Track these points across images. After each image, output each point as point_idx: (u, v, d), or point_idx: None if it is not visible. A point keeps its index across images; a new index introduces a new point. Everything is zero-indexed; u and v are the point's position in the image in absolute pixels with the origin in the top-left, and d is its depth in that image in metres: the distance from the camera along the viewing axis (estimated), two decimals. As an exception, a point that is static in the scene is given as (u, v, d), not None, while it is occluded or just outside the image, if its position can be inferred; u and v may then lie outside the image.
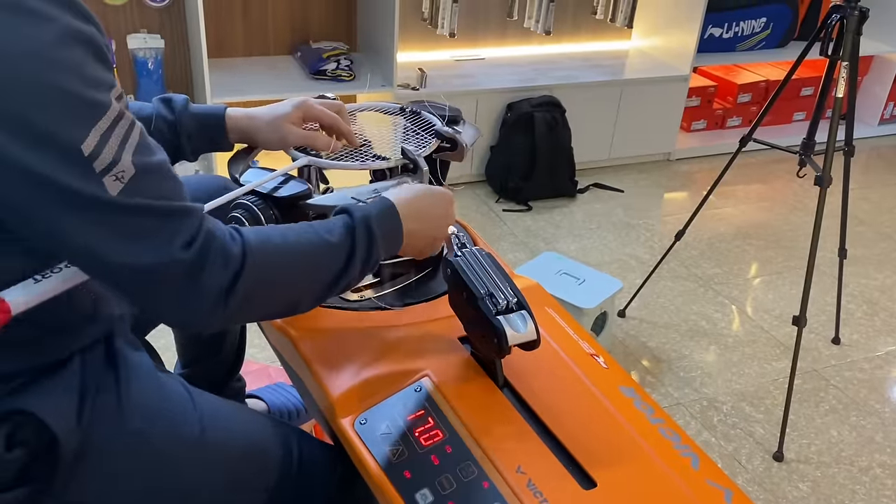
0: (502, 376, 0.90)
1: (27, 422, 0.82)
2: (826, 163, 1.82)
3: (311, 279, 0.85)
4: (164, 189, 0.74)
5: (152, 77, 2.75)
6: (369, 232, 0.88)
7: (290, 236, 0.84)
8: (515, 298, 0.86)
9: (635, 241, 2.75)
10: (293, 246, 0.83)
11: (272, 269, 0.81)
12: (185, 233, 0.74)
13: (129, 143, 0.72)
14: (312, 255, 0.84)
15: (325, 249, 0.85)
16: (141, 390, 0.91)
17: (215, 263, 0.75)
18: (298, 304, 0.87)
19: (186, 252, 0.74)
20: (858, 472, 1.80)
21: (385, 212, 0.91)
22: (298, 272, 0.84)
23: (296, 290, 0.84)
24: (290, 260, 0.83)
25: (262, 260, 0.80)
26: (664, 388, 2.04)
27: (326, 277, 0.85)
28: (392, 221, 0.91)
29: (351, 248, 0.86)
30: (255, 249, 0.79)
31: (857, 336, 2.31)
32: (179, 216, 0.75)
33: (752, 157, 3.46)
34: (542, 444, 0.81)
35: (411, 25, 3.05)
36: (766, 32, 3.48)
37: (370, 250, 0.88)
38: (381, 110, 1.19)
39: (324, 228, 0.86)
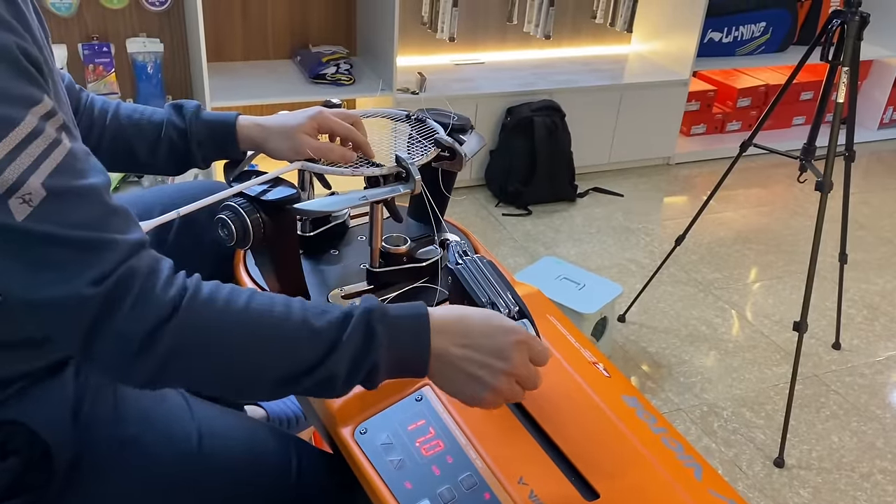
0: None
1: (20, 431, 0.81)
2: (827, 168, 1.81)
3: (264, 361, 0.71)
4: (81, 216, 0.67)
5: (151, 81, 2.75)
6: (369, 330, 0.73)
7: (260, 304, 0.72)
8: (517, 307, 0.84)
9: (635, 246, 2.75)
10: (258, 315, 0.71)
11: (214, 333, 0.70)
12: (98, 268, 0.66)
13: (45, 164, 0.66)
14: (280, 332, 0.71)
15: (300, 331, 0.71)
16: (137, 398, 0.91)
17: (130, 306, 0.67)
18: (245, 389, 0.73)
19: (94, 289, 0.66)
20: (860, 479, 1.80)
21: (408, 315, 0.76)
22: (251, 347, 0.71)
23: (242, 366, 0.71)
24: (246, 329, 0.70)
25: (204, 319, 0.69)
26: (664, 393, 2.03)
27: (290, 368, 0.71)
28: (415, 330, 0.75)
29: (334, 342, 0.72)
30: (199, 304, 0.69)
31: (857, 341, 2.31)
32: (94, 249, 0.67)
33: (751, 162, 3.46)
34: (544, 454, 0.81)
35: (411, 29, 3.05)
36: (766, 37, 3.48)
37: (364, 353, 0.73)
38: (386, 117, 1.18)
39: (315, 310, 0.73)
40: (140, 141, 1.10)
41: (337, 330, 0.72)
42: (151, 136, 1.09)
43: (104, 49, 2.65)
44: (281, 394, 0.74)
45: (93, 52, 2.64)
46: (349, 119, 1.11)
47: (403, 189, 1.00)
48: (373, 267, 1.09)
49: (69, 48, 2.63)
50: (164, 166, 1.12)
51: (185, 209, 0.91)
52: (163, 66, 2.77)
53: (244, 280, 1.08)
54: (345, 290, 1.07)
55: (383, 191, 1.00)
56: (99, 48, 2.64)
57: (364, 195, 0.98)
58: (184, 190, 1.16)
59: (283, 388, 0.73)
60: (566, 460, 0.81)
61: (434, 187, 1.14)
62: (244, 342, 0.71)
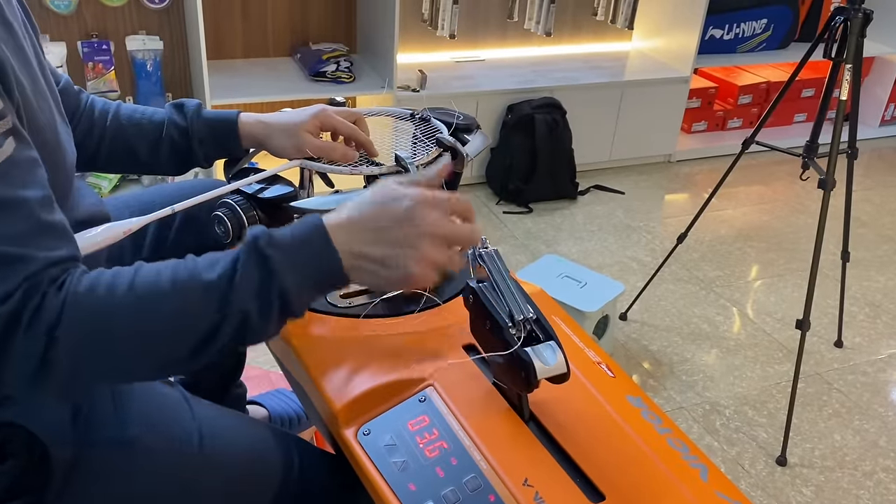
0: (528, 410, 0.85)
1: (18, 434, 0.80)
2: (830, 166, 1.81)
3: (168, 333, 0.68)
4: (9, 230, 0.65)
5: (151, 79, 2.74)
6: (260, 259, 0.69)
7: (145, 278, 0.68)
8: (542, 327, 0.81)
9: (636, 244, 2.74)
10: (145, 289, 0.67)
11: (104, 319, 0.66)
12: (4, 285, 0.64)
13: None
14: (172, 299, 0.68)
15: (193, 291, 0.68)
16: (137, 398, 0.90)
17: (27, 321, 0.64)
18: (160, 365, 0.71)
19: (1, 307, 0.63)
20: (862, 477, 1.79)
21: (302, 230, 0.72)
22: (146, 325, 0.68)
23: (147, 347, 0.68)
24: (135, 308, 0.67)
25: (88, 310, 0.66)
26: (666, 391, 2.03)
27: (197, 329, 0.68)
28: (314, 241, 0.71)
29: (228, 286, 0.68)
30: (81, 298, 0.66)
31: (859, 339, 2.30)
32: (7, 264, 0.64)
33: (752, 159, 3.45)
34: (549, 456, 0.80)
35: (411, 27, 3.04)
36: (767, 34, 3.47)
37: (266, 284, 0.69)
38: (391, 115, 1.17)
39: (207, 262, 0.70)
40: (141, 141, 1.09)
41: (229, 274, 0.68)
42: (153, 136, 1.09)
43: (103, 47, 2.64)
44: (206, 356, 0.70)
45: (92, 50, 2.63)
46: (352, 117, 1.11)
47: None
48: None
49: (68, 46, 2.62)
50: (165, 166, 1.12)
51: (180, 205, 0.90)
52: (162, 63, 2.76)
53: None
54: (343, 289, 1.06)
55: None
56: (98, 46, 2.63)
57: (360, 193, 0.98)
58: (183, 188, 1.15)
59: (201, 352, 0.69)
60: (571, 462, 0.80)
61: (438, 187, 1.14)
62: (139, 322, 0.67)
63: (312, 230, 0.72)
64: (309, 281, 0.72)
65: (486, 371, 0.91)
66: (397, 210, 0.73)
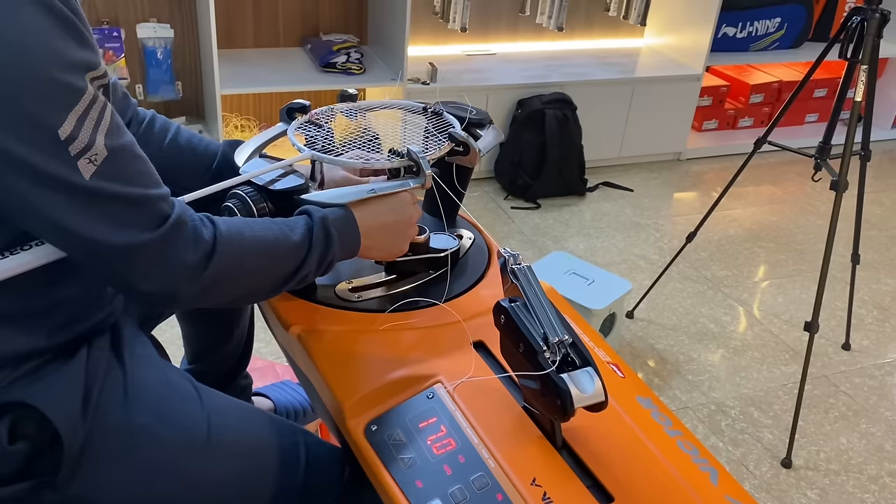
0: (561, 438, 0.82)
1: (30, 415, 0.81)
2: (842, 167, 1.79)
3: (273, 270, 0.90)
4: (134, 170, 0.78)
5: (161, 67, 2.73)
6: (327, 233, 0.93)
7: (257, 230, 0.89)
8: (578, 351, 0.78)
9: (644, 242, 2.73)
10: (260, 239, 0.88)
11: (241, 256, 0.86)
12: (157, 217, 0.78)
13: (102, 125, 0.74)
14: (276, 248, 0.89)
15: (287, 245, 0.90)
16: (148, 385, 0.91)
17: (186, 243, 0.80)
18: (261, 292, 0.93)
19: (156, 232, 0.78)
20: (867, 481, 1.79)
21: (341, 215, 0.96)
22: (263, 262, 0.89)
23: (260, 278, 0.90)
24: (257, 251, 0.88)
25: (232, 247, 0.85)
26: (672, 391, 2.02)
27: (286, 270, 0.91)
28: (348, 224, 0.96)
29: (309, 247, 0.92)
30: (226, 237, 0.85)
31: (867, 342, 2.29)
32: (151, 203, 0.78)
33: (763, 159, 3.43)
34: (557, 456, 0.79)
35: (422, 19, 3.03)
36: (781, 33, 3.45)
37: (327, 250, 0.93)
38: (404, 108, 1.16)
39: (287, 226, 0.92)
40: (193, 166, 1.11)
41: (308, 239, 0.91)
42: (205, 164, 1.11)
43: (114, 34, 2.63)
44: (282, 291, 0.93)
45: (103, 37, 2.62)
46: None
47: (414, 183, 0.99)
48: None
49: (79, 32, 2.61)
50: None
51: (188, 196, 0.90)
52: (173, 52, 2.75)
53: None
54: (354, 283, 1.06)
55: (393, 184, 0.99)
56: (109, 33, 2.63)
57: (373, 188, 0.97)
58: None
59: (283, 286, 0.92)
60: (580, 462, 0.80)
61: (449, 182, 1.13)
62: (259, 260, 0.88)
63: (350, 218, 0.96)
64: (343, 253, 0.96)
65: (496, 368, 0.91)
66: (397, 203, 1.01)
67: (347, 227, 0.96)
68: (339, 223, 0.95)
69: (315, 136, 1.07)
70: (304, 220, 0.93)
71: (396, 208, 1.00)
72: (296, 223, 0.92)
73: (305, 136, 1.07)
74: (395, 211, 1.00)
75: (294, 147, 1.06)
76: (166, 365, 0.97)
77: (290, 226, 0.92)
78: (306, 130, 1.08)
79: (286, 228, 0.91)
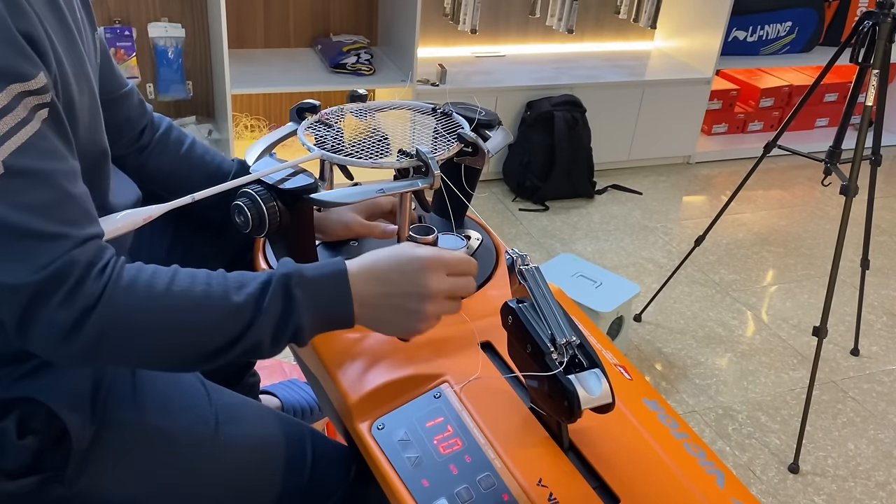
0: (567, 439, 0.82)
1: (39, 411, 0.82)
2: (853, 172, 1.78)
3: (196, 335, 0.74)
4: (34, 199, 0.68)
5: (172, 66, 2.75)
6: (287, 296, 0.76)
7: (180, 285, 0.74)
8: (585, 352, 0.78)
9: (653, 245, 2.73)
10: (178, 297, 0.73)
11: (137, 316, 0.72)
12: (39, 258, 0.68)
13: (10, 141, 0.66)
14: (202, 308, 0.74)
15: (221, 305, 0.74)
16: (156, 381, 0.91)
17: (64, 296, 0.69)
18: (185, 361, 0.77)
19: (31, 276, 0.68)
20: (875, 487, 1.78)
21: (327, 272, 0.79)
22: (172, 328, 0.74)
23: (166, 347, 0.75)
24: (166, 313, 0.73)
25: (126, 305, 0.72)
26: (679, 394, 2.01)
27: (219, 337, 0.74)
28: (334, 286, 0.78)
29: (257, 311, 0.75)
30: (121, 291, 0.72)
31: (876, 348, 2.28)
32: (39, 238, 0.68)
33: (772, 163, 3.42)
34: (564, 457, 0.79)
35: (432, 20, 3.03)
36: (791, 37, 3.44)
37: (287, 317, 0.76)
38: (413, 109, 1.16)
39: (236, 282, 0.76)
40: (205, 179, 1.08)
41: (256, 301, 0.75)
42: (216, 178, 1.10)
43: (126, 33, 2.65)
44: (210, 365, 0.77)
45: (114, 36, 2.64)
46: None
47: (422, 183, 0.99)
48: None
49: (91, 31, 2.63)
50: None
51: (199, 194, 0.90)
52: (184, 51, 2.76)
53: (262, 268, 1.07)
54: None
55: (402, 184, 0.99)
56: (121, 32, 2.64)
57: (382, 188, 0.97)
58: None
59: (211, 360, 0.76)
60: (586, 463, 0.80)
61: (457, 183, 1.13)
62: (167, 324, 0.73)
63: (336, 276, 0.79)
64: (320, 320, 0.79)
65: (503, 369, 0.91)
66: (413, 270, 0.81)
67: (326, 290, 0.78)
68: (313, 283, 0.78)
69: (325, 135, 1.07)
70: (263, 276, 0.77)
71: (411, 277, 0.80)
72: (251, 279, 0.77)
73: (315, 136, 1.07)
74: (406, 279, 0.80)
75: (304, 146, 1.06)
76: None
77: (239, 282, 0.76)
78: (316, 130, 1.08)
79: (231, 285, 0.76)
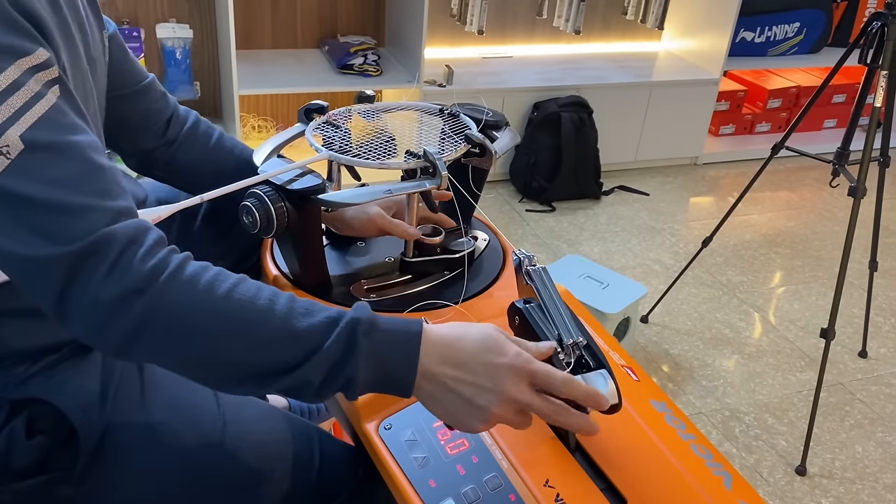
0: (574, 440, 0.82)
1: (47, 411, 0.82)
2: (861, 173, 1.78)
3: (236, 353, 0.68)
4: (60, 173, 0.66)
5: (180, 67, 2.75)
6: (351, 342, 0.69)
7: (245, 294, 0.68)
8: (592, 353, 0.78)
9: (660, 246, 2.72)
10: (238, 303, 0.68)
11: (189, 312, 0.67)
12: (80, 229, 0.65)
13: (26, 116, 0.65)
14: (258, 326, 0.68)
15: (280, 330, 0.68)
16: (164, 381, 0.91)
17: (105, 272, 0.65)
18: (214, 379, 0.71)
19: (64, 249, 0.64)
20: (883, 490, 1.77)
21: (399, 330, 0.71)
22: (223, 336, 0.68)
23: (211, 354, 0.68)
24: (221, 316, 0.68)
25: (180, 298, 0.67)
26: (685, 396, 2.01)
27: (263, 367, 0.68)
28: (403, 347, 0.71)
29: (314, 349, 0.68)
30: (179, 282, 0.67)
31: (884, 350, 2.27)
32: (69, 211, 0.65)
33: (780, 164, 3.41)
34: (571, 458, 0.79)
35: (439, 21, 3.04)
36: (799, 38, 3.43)
37: (342, 365, 0.69)
38: (419, 110, 1.17)
39: (301, 309, 0.70)
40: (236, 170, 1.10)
41: (319, 336, 0.68)
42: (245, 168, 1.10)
43: (134, 34, 2.66)
44: (248, 391, 0.70)
45: (123, 37, 2.64)
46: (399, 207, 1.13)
47: (430, 184, 0.99)
48: (407, 256, 1.08)
49: (100, 32, 2.64)
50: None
51: (209, 194, 0.90)
52: (192, 52, 2.77)
53: (270, 268, 1.08)
54: (369, 282, 1.06)
55: (409, 185, 0.99)
56: (129, 33, 2.65)
57: (389, 188, 0.97)
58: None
59: (252, 385, 0.70)
60: (593, 464, 0.80)
61: (464, 183, 1.13)
62: (220, 329, 0.67)
63: (409, 336, 0.71)
64: (377, 379, 0.71)
65: None
66: (490, 363, 0.72)
67: (394, 348, 0.71)
68: (382, 336, 0.70)
69: (332, 136, 1.08)
70: (333, 312, 0.70)
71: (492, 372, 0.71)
72: (319, 310, 0.70)
73: (323, 137, 1.08)
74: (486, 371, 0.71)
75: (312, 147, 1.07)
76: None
77: (307, 309, 0.70)
78: (324, 131, 1.09)
79: (297, 310, 0.69)
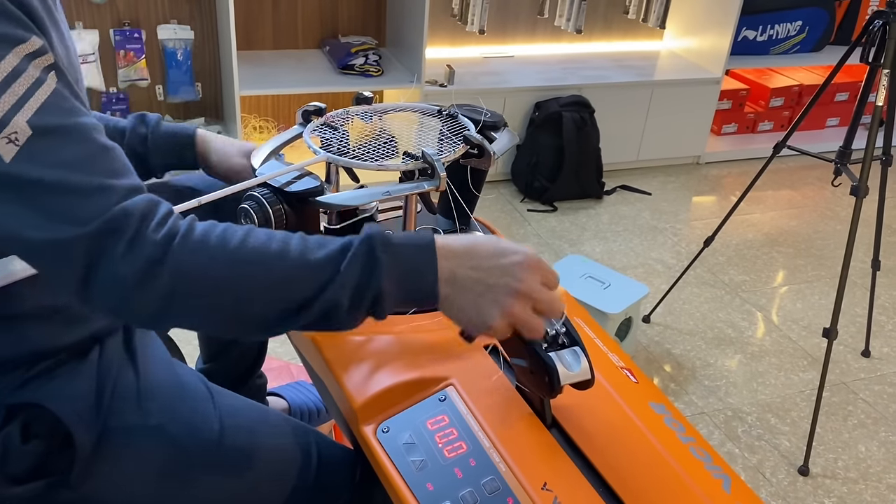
0: (550, 415, 0.84)
1: (43, 416, 0.82)
2: (863, 172, 1.77)
3: (261, 297, 0.70)
4: (69, 155, 0.67)
5: (181, 68, 2.76)
6: (370, 258, 0.71)
7: (255, 241, 0.71)
8: (567, 332, 0.80)
9: (662, 246, 2.72)
10: (251, 251, 0.70)
11: (209, 270, 0.69)
12: (94, 209, 0.67)
13: (31, 102, 0.66)
14: (275, 267, 0.70)
15: (299, 262, 0.70)
16: (160, 386, 0.91)
17: (125, 247, 0.66)
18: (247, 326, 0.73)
19: (81, 230, 0.66)
20: (886, 490, 1.76)
21: (413, 242, 0.74)
22: (244, 283, 0.70)
23: (237, 304, 0.70)
24: (238, 266, 0.70)
25: (197, 258, 0.68)
26: (688, 396, 2.01)
27: (289, 302, 0.70)
28: (420, 253, 0.73)
29: (332, 273, 0.70)
30: (192, 243, 0.69)
31: (887, 349, 2.26)
32: (82, 191, 0.67)
33: (782, 163, 3.40)
34: (569, 461, 0.79)
35: (440, 21, 3.03)
36: (802, 36, 3.42)
37: (365, 281, 0.71)
38: (417, 111, 1.16)
39: (315, 243, 0.72)
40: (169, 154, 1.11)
41: (335, 261, 0.71)
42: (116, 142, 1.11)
43: (135, 35, 2.66)
44: (286, 328, 0.73)
45: (124, 38, 2.65)
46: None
47: (428, 185, 0.99)
48: None
49: (101, 34, 2.64)
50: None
51: (206, 197, 0.90)
52: (193, 53, 2.77)
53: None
54: None
55: (407, 186, 0.99)
56: (130, 34, 2.65)
57: (388, 190, 0.97)
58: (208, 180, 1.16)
59: (288, 321, 0.71)
60: (592, 468, 0.79)
61: (463, 184, 1.13)
62: (242, 274, 0.70)
63: (424, 245, 0.74)
64: (403, 291, 0.73)
65: (509, 373, 0.91)
66: (505, 260, 0.76)
67: (413, 258, 0.73)
68: (399, 249, 0.73)
69: (330, 138, 1.07)
70: (346, 239, 0.73)
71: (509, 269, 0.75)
72: (331, 241, 0.73)
73: (321, 139, 1.07)
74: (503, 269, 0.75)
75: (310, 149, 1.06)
76: (179, 365, 0.98)
77: (319, 243, 0.73)
78: (322, 133, 1.08)
79: (311, 245, 0.72)
